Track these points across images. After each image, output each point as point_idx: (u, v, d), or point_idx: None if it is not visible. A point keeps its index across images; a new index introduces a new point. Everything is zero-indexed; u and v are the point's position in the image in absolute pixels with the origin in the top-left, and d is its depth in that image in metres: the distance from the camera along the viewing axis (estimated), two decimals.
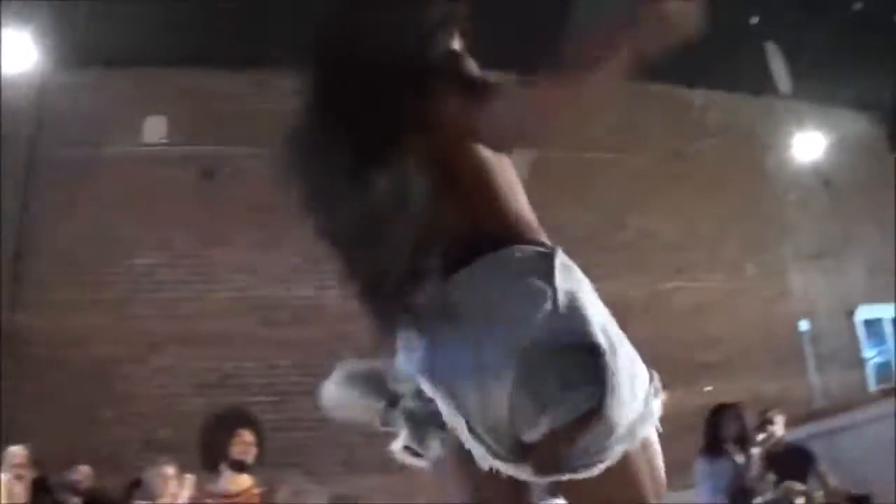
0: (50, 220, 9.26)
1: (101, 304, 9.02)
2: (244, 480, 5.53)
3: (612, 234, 11.31)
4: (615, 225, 11.40)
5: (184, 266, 9.01)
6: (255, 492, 5.53)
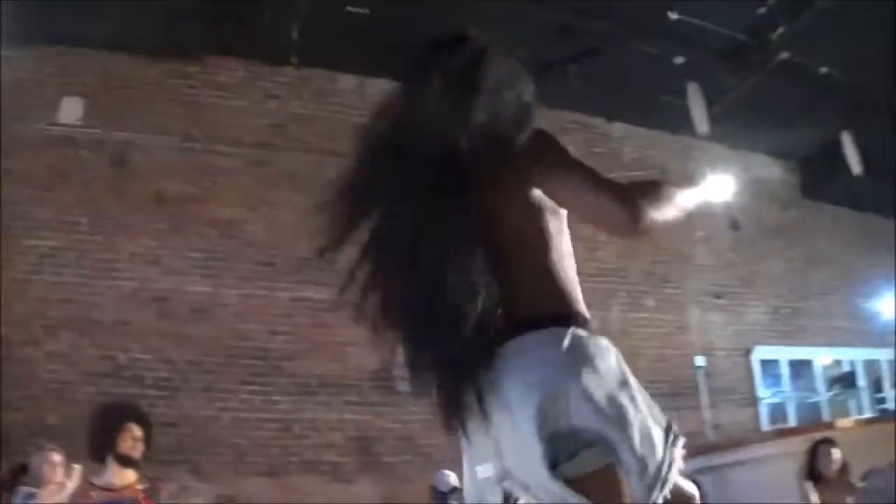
0: None
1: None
2: (129, 475, 5.44)
3: None
4: None
5: (87, 252, 8.90)
6: (139, 487, 5.43)
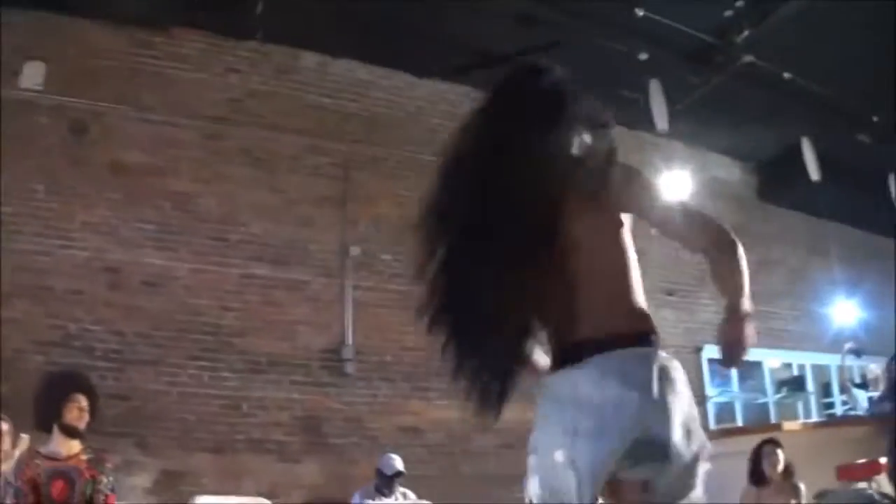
0: None
1: None
2: (74, 445, 5.49)
3: None
4: None
5: (42, 219, 8.85)
6: (84, 458, 5.47)
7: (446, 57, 11.09)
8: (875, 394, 10.82)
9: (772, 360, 13.79)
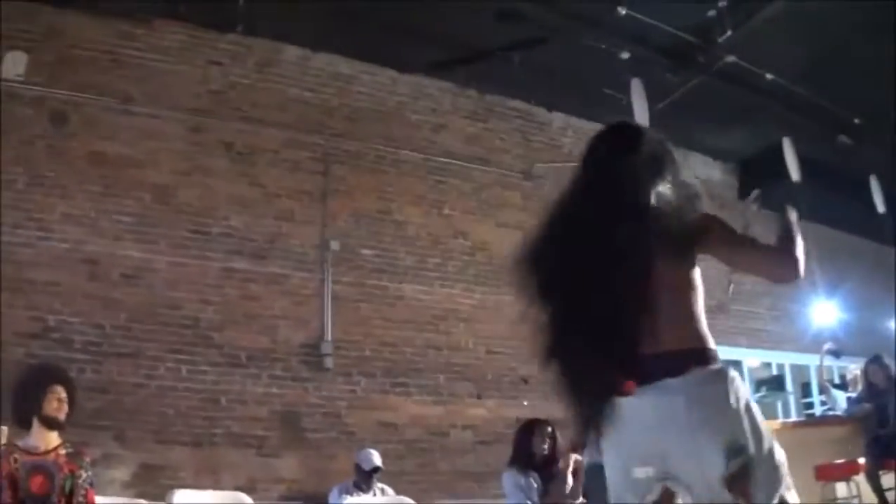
0: None
1: None
2: (53, 438, 5.62)
3: (452, 241, 11.71)
4: (455, 232, 11.79)
5: (22, 210, 8.85)
6: (63, 452, 5.60)
7: (429, 52, 11.26)
8: (853, 394, 11.02)
9: (751, 360, 14.03)
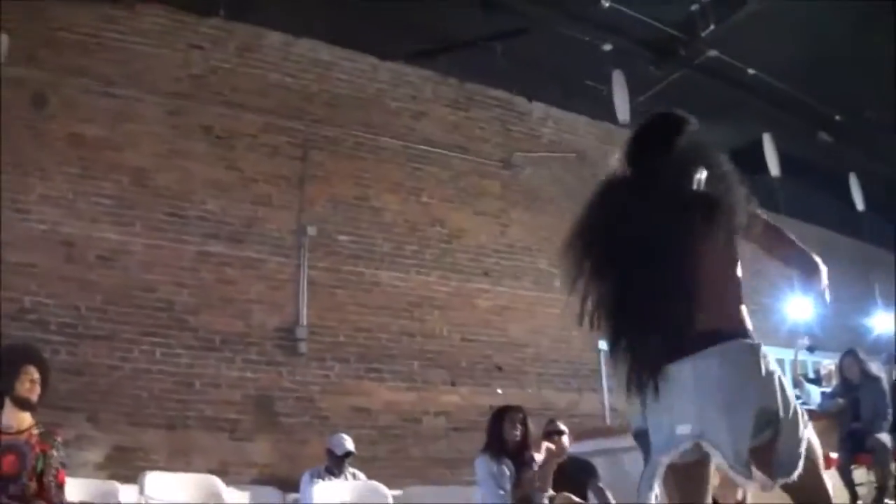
0: None
1: None
2: (26, 419, 5.62)
3: (429, 228, 11.93)
4: (433, 220, 12.00)
5: (1, 190, 8.91)
6: (35, 432, 5.59)
7: (410, 40, 11.46)
8: (828, 389, 11.25)
9: None
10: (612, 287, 3.34)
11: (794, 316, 13.64)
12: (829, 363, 12.84)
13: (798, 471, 3.01)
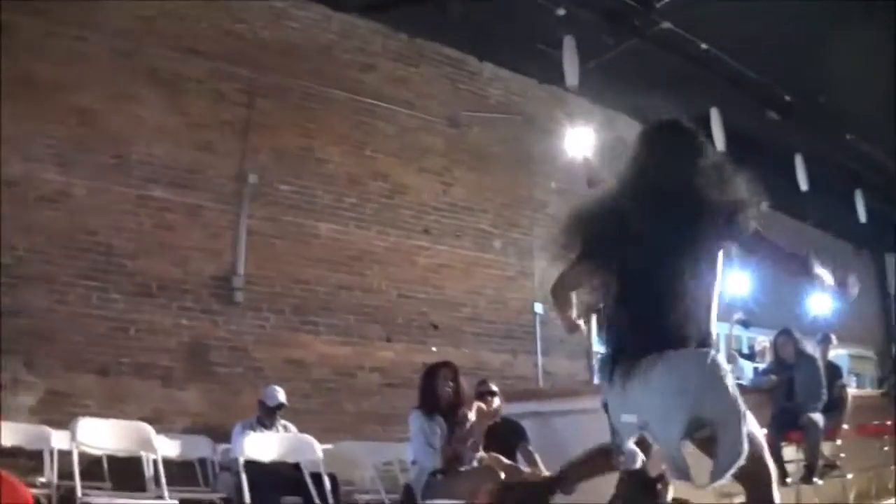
0: None
1: None
2: None
3: (371, 183, 12.14)
4: (375, 175, 12.22)
5: None
6: None
7: None
8: (761, 365, 11.67)
9: None
10: (615, 278, 3.75)
11: (730, 291, 14.05)
12: (763, 339, 13.25)
13: (733, 471, 3.38)
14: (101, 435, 7.76)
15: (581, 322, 4.44)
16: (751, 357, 13.95)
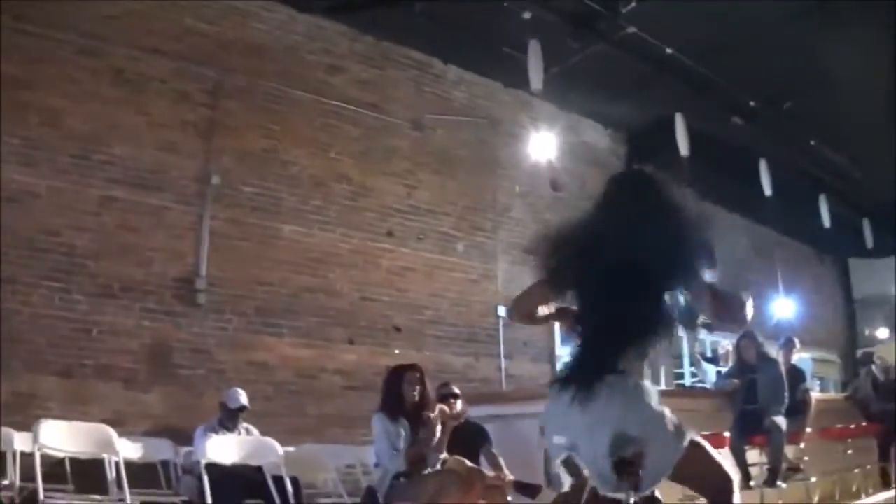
0: None
1: None
2: None
3: (335, 185, 12.29)
4: (339, 176, 12.36)
5: None
6: None
7: None
8: (724, 369, 11.89)
9: None
10: (586, 300, 3.89)
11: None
12: (726, 343, 13.47)
13: (658, 483, 3.62)
14: (63, 437, 7.83)
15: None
16: (714, 361, 14.18)
